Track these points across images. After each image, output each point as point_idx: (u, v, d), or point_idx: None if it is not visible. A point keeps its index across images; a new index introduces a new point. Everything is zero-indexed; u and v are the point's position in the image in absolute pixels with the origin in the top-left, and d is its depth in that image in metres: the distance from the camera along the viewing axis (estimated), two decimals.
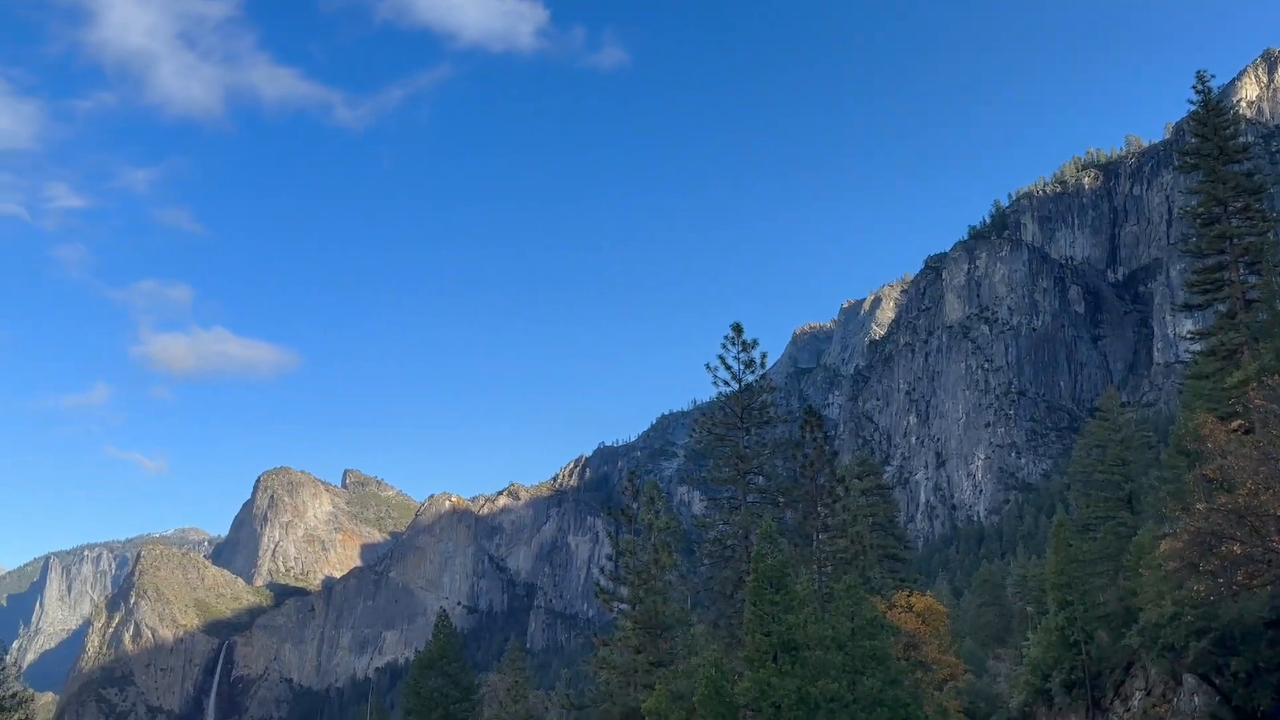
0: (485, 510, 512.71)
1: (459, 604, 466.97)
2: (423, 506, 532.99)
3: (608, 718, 46.88)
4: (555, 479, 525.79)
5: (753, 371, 49.46)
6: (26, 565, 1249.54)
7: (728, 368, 49.37)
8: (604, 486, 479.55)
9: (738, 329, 49.42)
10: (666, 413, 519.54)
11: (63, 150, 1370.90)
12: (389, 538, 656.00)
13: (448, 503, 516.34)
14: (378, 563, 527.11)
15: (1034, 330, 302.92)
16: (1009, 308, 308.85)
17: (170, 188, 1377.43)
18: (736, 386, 49.40)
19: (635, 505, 50.95)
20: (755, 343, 49.33)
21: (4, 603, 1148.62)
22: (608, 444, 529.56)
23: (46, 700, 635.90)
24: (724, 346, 49.46)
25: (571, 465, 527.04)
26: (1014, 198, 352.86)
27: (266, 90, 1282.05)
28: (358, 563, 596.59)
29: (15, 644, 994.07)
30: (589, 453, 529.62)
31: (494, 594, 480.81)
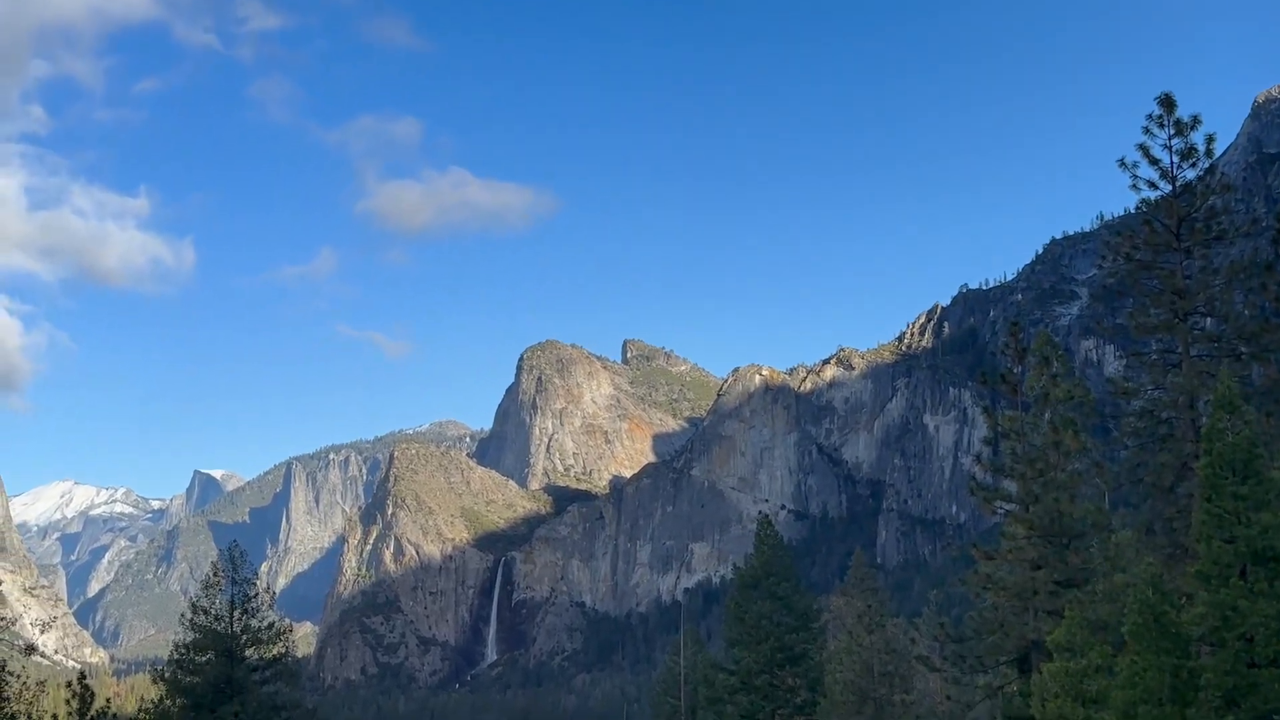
0: (808, 385, 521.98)
1: (783, 508, 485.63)
2: (726, 384, 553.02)
3: (997, 652, 48.12)
4: (901, 339, 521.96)
5: (1193, 164, 46.45)
6: (267, 474, 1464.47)
7: (1154, 161, 46.70)
8: (970, 345, 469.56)
9: (1168, 103, 46.24)
10: (1058, 236, 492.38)
11: None
12: (686, 425, 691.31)
13: (758, 377, 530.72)
14: (675, 457, 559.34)
15: None
16: None
17: None
18: (1169, 188, 46.70)
19: (1020, 368, 50.32)
20: (1196, 121, 46.05)
21: (246, 518, 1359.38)
22: (973, 287, 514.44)
23: (304, 631, 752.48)
24: (1147, 131, 46.66)
25: (922, 319, 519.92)
26: None
27: None
28: (650, 458, 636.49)
29: (264, 566, 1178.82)
30: (946, 300, 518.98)
31: (827, 494, 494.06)
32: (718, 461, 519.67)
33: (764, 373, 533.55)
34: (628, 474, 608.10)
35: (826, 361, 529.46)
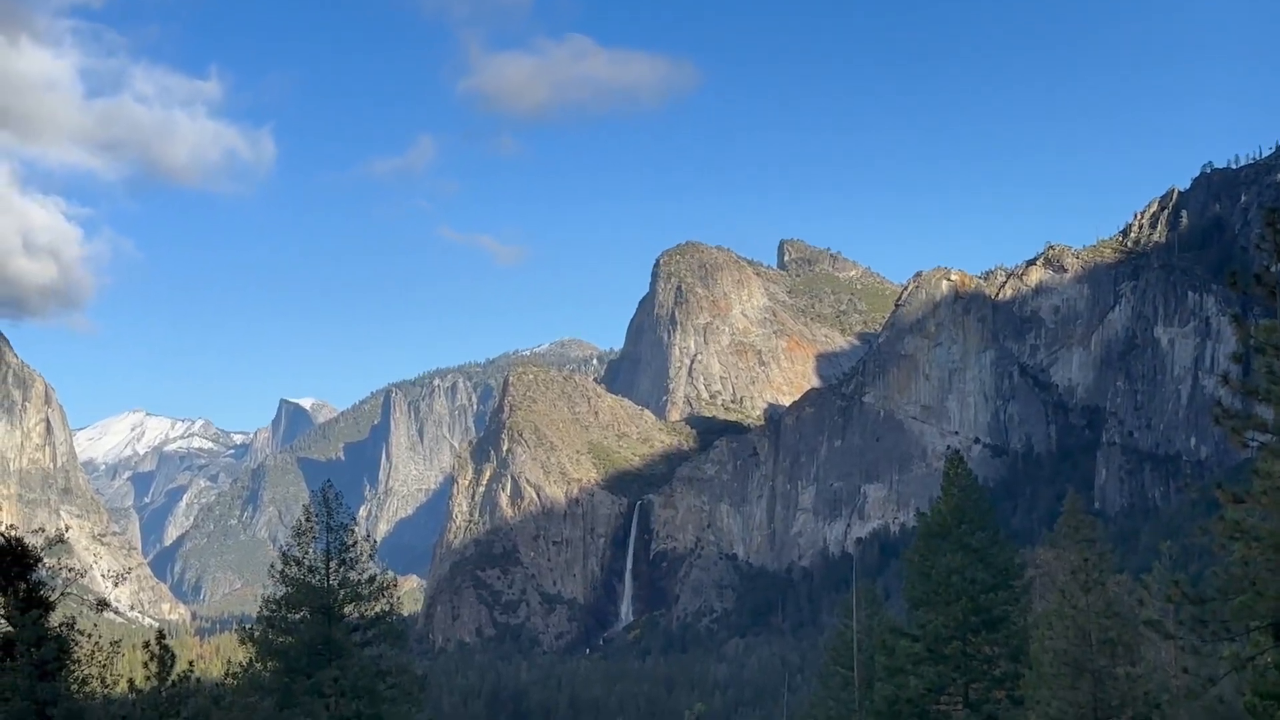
0: (1008, 292, 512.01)
1: (976, 441, 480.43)
2: (906, 291, 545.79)
3: (1247, 616, 46.96)
4: (1125, 233, 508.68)
5: None
6: (363, 403, 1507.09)
7: None
8: (1215, 238, 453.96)
9: None
10: None
11: None
12: (856, 342, 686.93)
13: (945, 283, 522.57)
14: (844, 381, 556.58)
15: None
16: None
17: None
18: None
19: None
20: None
21: (340, 455, 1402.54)
22: (1219, 166, 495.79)
23: (410, 586, 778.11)
24: None
25: (1153, 207, 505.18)
26: None
27: None
28: (814, 382, 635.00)
29: (362, 510, 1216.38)
30: (1184, 184, 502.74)
31: (1032, 424, 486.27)
32: (896, 386, 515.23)
33: (953, 277, 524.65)
34: (786, 402, 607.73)
35: (1031, 262, 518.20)
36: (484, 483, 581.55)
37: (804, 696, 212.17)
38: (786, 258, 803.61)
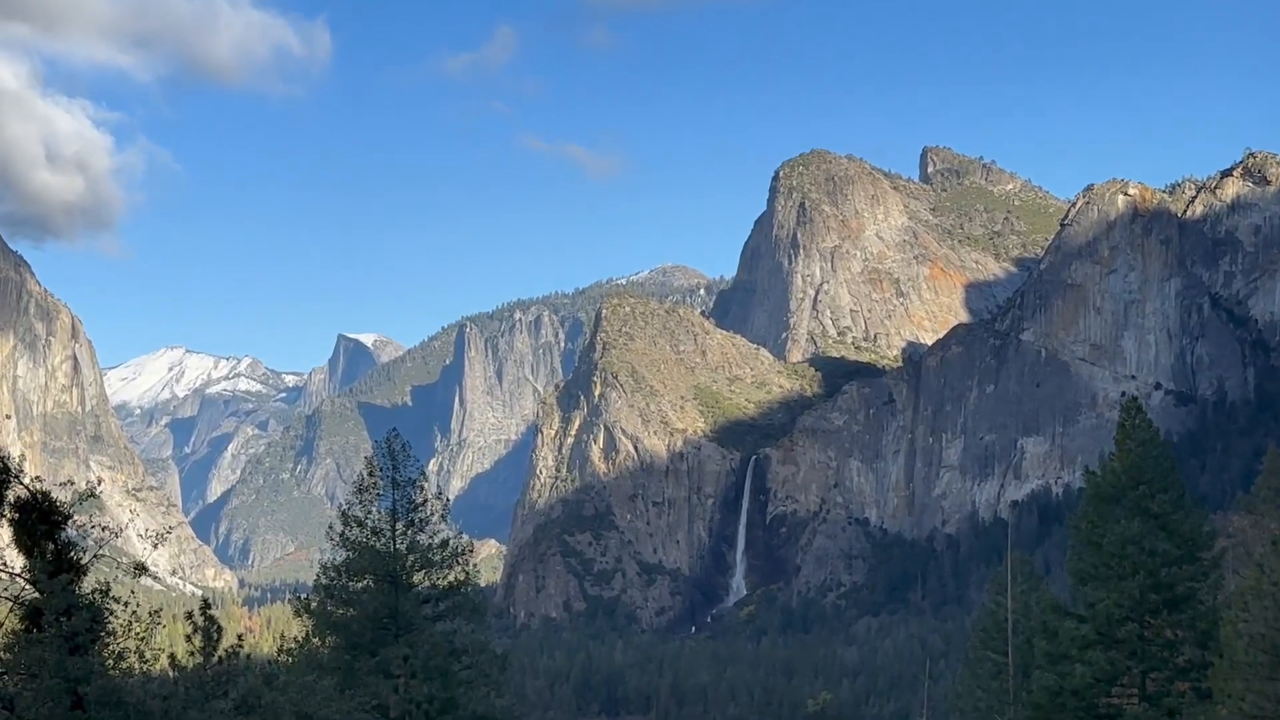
0: (1197, 209, 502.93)
1: (1157, 387, 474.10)
2: (1074, 209, 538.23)
3: None
4: None
5: None
6: (433, 340, 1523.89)
7: None
8: None
9: None
10: None
11: None
12: (1013, 269, 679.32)
13: (1121, 199, 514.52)
14: (998, 315, 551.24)
15: None
16: None
17: None
18: None
19: None
20: None
21: (407, 399, 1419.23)
22: None
23: (488, 552, 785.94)
24: None
25: None
26: None
27: None
28: (962, 317, 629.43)
29: (432, 464, 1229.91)
30: None
31: (1226, 368, 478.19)
32: (1061, 321, 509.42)
33: (1131, 191, 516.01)
34: (929, 340, 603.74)
35: (1227, 173, 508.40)
36: (572, 433, 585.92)
37: (947, 686, 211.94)
38: (930, 169, 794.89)
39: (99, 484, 53.00)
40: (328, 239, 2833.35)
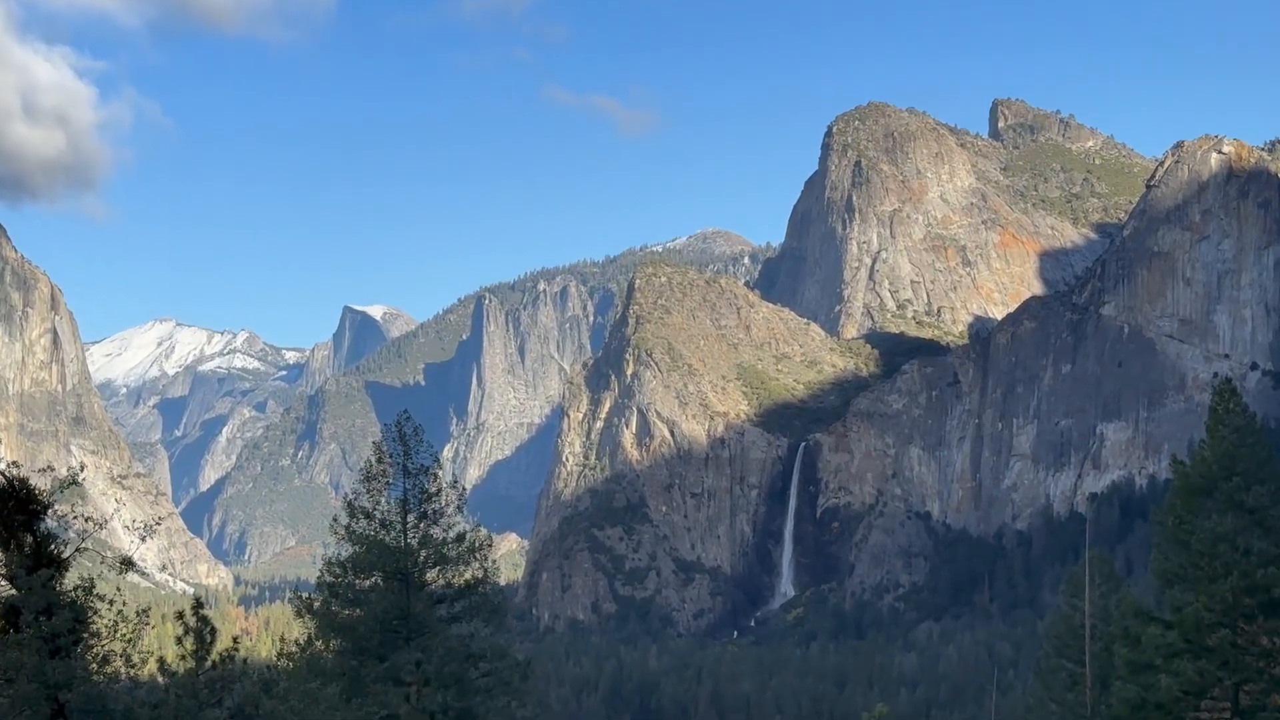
0: None
1: (1254, 368, 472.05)
2: (1162, 169, 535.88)
3: None
4: None
5: None
6: (448, 312, 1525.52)
7: None
8: None
9: None
10: None
11: None
12: (1093, 235, 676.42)
13: (1215, 157, 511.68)
14: (1076, 286, 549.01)
15: None
16: None
17: None
18: None
19: None
20: None
21: (420, 378, 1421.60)
22: None
23: (509, 547, 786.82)
24: None
25: None
26: None
27: None
28: (1036, 288, 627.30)
29: (447, 450, 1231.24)
30: None
31: None
32: (1146, 294, 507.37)
33: (1226, 149, 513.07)
34: (999, 314, 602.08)
35: None
36: (602, 416, 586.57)
37: (1017, 699, 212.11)
38: (1001, 124, 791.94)
39: (81, 470, 53.20)
40: (333, 201, 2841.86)
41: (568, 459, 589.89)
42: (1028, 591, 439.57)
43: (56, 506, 49.06)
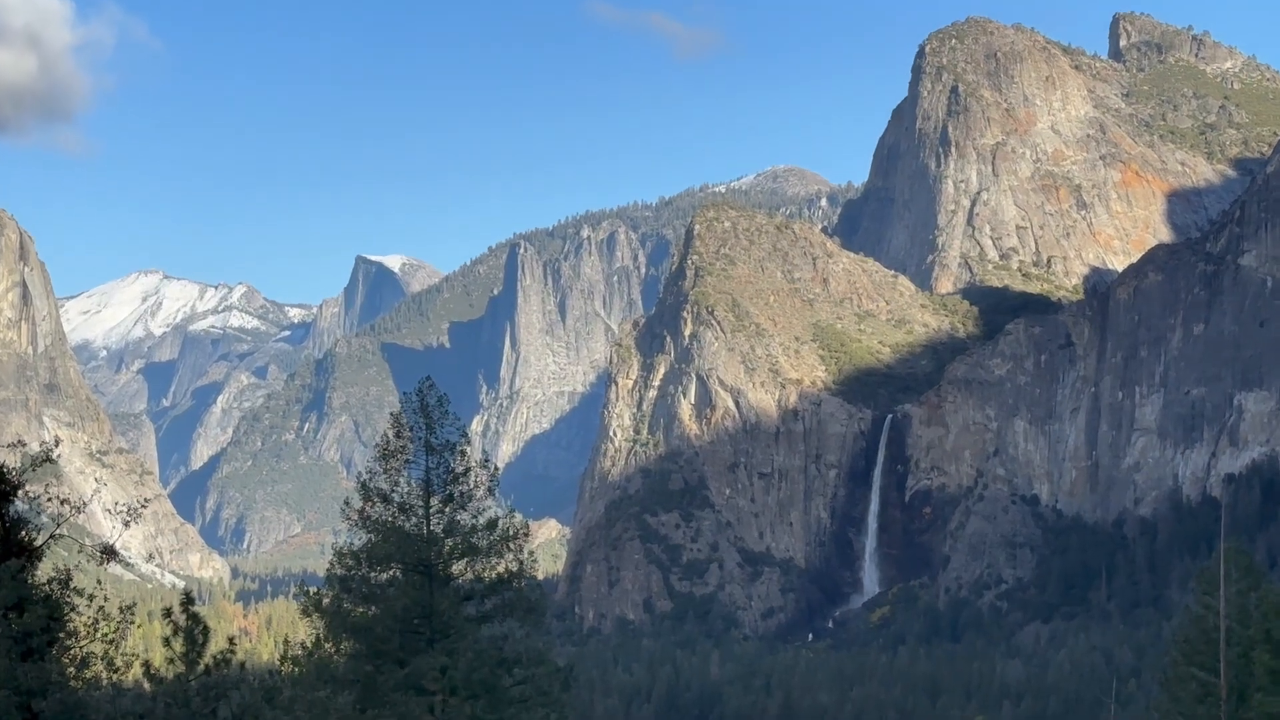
0: None
1: None
2: None
3: None
4: None
5: None
6: (477, 263, 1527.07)
7: None
8: None
9: None
10: None
11: None
12: (1232, 173, 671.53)
13: None
14: (1208, 234, 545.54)
15: None
16: None
17: None
18: None
19: None
20: None
21: (444, 340, 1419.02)
22: None
23: (548, 535, 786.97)
24: None
25: None
26: None
27: None
28: (1164, 235, 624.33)
29: (476, 422, 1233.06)
30: None
31: None
32: None
33: None
34: (1120, 265, 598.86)
35: None
36: (655, 384, 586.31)
37: (1140, 711, 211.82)
38: (1124, 42, 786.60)
39: (55, 445, 53.45)
40: (343, 138, 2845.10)
41: (615, 433, 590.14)
42: (1152, 589, 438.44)
43: (27, 487, 49.24)
